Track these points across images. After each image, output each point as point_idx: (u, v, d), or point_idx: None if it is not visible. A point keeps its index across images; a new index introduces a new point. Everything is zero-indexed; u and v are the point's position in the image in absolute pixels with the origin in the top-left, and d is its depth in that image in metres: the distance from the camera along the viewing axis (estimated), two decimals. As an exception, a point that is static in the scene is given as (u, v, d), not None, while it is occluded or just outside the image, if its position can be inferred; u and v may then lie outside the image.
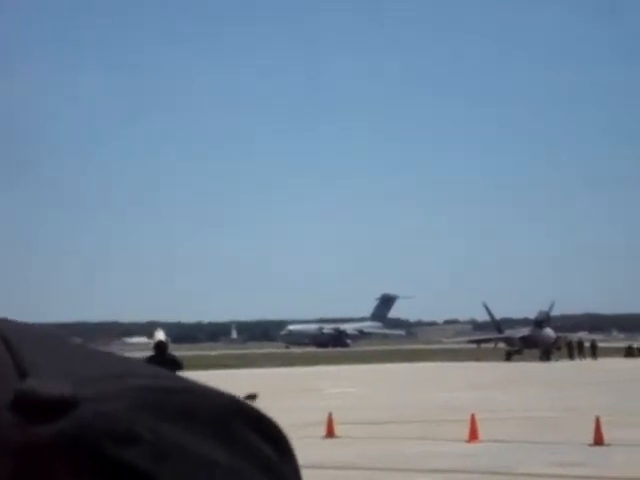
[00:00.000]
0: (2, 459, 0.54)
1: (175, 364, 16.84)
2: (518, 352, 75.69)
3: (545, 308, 78.61)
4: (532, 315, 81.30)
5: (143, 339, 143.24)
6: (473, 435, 20.00)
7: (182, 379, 0.64)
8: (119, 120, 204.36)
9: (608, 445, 18.43)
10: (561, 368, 58.98)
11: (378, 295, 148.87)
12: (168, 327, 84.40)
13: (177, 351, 35.34)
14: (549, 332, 74.66)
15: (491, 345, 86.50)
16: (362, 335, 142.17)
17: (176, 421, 0.60)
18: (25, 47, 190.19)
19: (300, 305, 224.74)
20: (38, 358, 0.60)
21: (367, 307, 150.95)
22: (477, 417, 20.37)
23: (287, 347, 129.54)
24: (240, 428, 0.62)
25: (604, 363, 64.39)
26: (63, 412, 0.57)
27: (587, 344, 78.04)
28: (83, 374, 0.60)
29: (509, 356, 74.28)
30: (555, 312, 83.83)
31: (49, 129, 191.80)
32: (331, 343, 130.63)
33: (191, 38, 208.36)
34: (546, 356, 72.86)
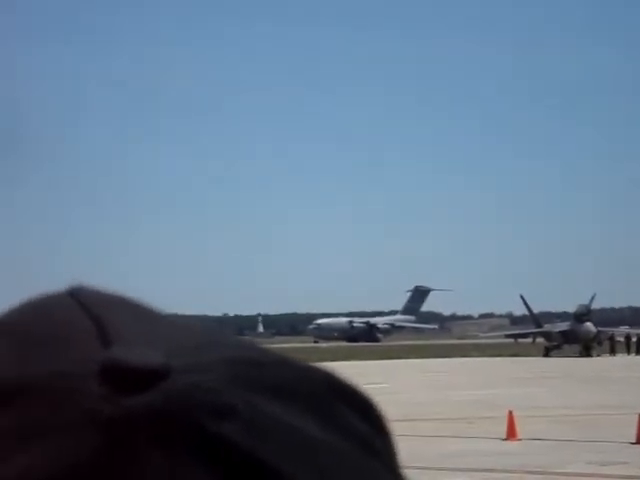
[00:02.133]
0: (90, 431, 0.52)
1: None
2: (557, 347, 74.72)
3: (585, 301, 77.56)
4: (572, 309, 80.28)
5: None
6: (511, 433, 19.49)
7: (275, 353, 0.60)
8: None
9: (652, 443, 17.89)
10: (602, 363, 58.08)
11: (410, 287, 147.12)
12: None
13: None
14: (589, 326, 73.53)
15: (529, 340, 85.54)
16: (394, 329, 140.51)
17: (271, 394, 0.56)
18: (26, 43, 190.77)
19: (329, 298, 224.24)
20: (122, 326, 0.57)
21: (399, 300, 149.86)
22: (515, 414, 19.80)
23: (316, 341, 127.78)
24: (336, 403, 0.59)
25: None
26: (153, 383, 0.54)
27: (634, 339, 76.80)
28: (171, 343, 0.57)
29: (548, 351, 73.34)
30: (595, 305, 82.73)
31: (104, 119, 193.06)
32: (361, 337, 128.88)
33: (193, 35, 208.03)
34: (586, 351, 71.84)
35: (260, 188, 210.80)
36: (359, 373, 49.88)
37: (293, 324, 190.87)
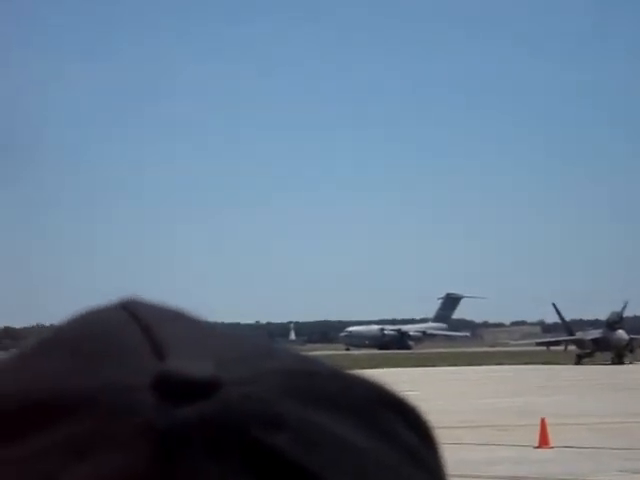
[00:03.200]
0: (144, 443, 0.52)
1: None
2: (589, 355, 74.25)
3: (618, 309, 77.08)
4: (604, 316, 79.77)
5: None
6: (543, 440, 19.44)
7: (324, 363, 0.60)
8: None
9: (685, 452, 17.80)
10: (635, 371, 57.66)
11: (442, 295, 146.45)
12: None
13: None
14: (622, 334, 73.04)
15: (561, 348, 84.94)
16: (425, 337, 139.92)
17: (321, 406, 0.57)
18: (13, 39, 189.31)
19: (360, 305, 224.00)
20: (175, 338, 0.57)
21: (430, 308, 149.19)
22: (547, 422, 19.76)
23: (347, 349, 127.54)
24: (385, 415, 0.59)
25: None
26: (206, 394, 0.54)
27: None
28: (223, 355, 0.57)
29: (580, 359, 72.92)
30: (628, 313, 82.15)
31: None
32: (393, 345, 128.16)
33: (187, 28, 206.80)
34: (619, 359, 71.39)
35: (299, 195, 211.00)
36: (390, 380, 49.77)
37: (325, 331, 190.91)
